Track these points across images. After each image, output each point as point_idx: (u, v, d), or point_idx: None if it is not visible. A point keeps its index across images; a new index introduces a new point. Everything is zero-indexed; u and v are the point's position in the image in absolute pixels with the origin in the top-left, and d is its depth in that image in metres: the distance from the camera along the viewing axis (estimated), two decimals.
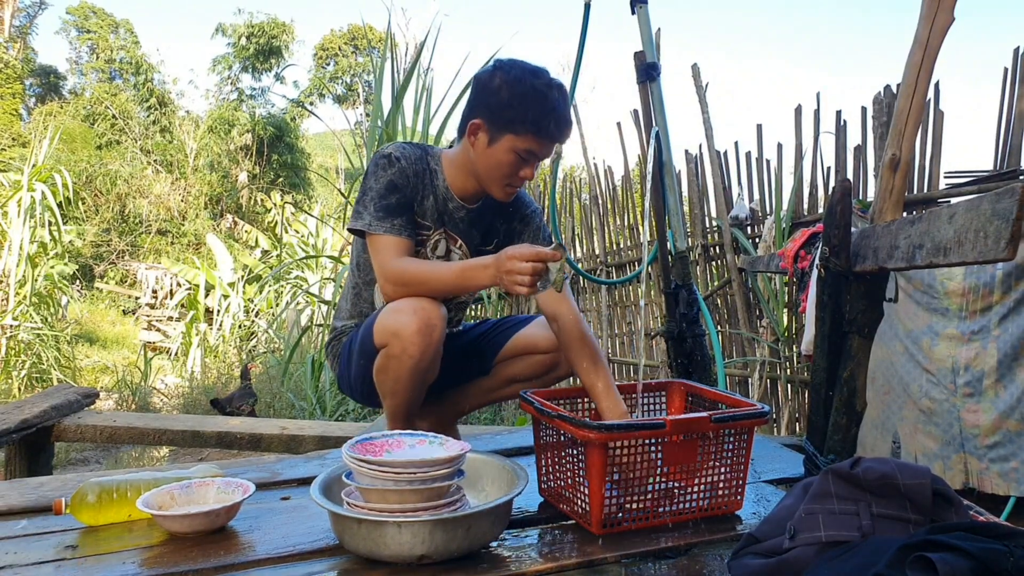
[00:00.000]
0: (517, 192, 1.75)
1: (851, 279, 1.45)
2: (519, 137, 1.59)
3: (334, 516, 1.17)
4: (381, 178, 1.66)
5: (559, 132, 1.62)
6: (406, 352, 1.56)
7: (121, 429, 2.94)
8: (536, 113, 1.57)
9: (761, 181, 3.92)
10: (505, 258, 1.44)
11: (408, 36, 8.51)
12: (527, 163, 1.64)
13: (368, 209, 1.65)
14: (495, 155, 1.63)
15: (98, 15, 20.22)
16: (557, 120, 1.60)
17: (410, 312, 1.55)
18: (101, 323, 12.58)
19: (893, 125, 1.46)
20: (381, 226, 1.63)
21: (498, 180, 1.67)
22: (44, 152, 8.06)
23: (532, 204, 1.91)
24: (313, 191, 18.76)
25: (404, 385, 1.63)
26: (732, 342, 4.16)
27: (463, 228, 1.80)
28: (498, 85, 1.59)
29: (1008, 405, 2.33)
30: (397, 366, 1.60)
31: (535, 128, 1.58)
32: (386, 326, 1.59)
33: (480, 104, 1.63)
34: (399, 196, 1.66)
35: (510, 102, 1.57)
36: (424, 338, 1.55)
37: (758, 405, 1.39)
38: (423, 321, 1.54)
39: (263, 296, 9.49)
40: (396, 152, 1.68)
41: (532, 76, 1.59)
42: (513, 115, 1.58)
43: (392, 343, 1.58)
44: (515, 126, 1.58)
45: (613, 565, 1.18)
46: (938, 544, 0.84)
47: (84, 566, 1.16)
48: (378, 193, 1.65)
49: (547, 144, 1.63)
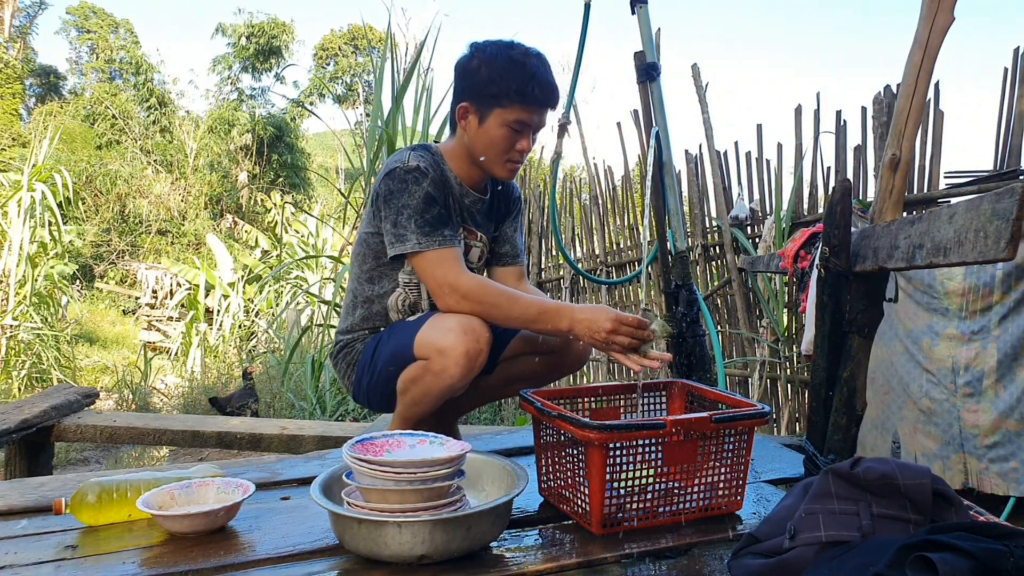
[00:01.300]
0: (519, 169, 1.74)
1: (851, 279, 1.45)
2: (506, 109, 1.60)
3: (334, 516, 1.17)
4: (416, 193, 1.62)
5: (544, 96, 1.63)
6: (447, 372, 1.54)
7: (121, 429, 2.94)
8: (518, 82, 1.58)
9: (761, 181, 3.92)
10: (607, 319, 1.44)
11: (408, 36, 8.51)
12: (521, 134, 1.64)
13: (410, 228, 1.60)
14: (488, 133, 1.63)
15: (98, 15, 20.23)
16: (539, 84, 1.60)
17: (460, 332, 1.52)
18: (101, 323, 12.58)
19: (893, 125, 1.46)
20: (432, 241, 1.60)
21: (497, 158, 1.67)
22: (44, 152, 8.06)
23: (518, 189, 1.95)
24: (313, 191, 18.76)
25: (432, 399, 1.62)
26: (732, 342, 4.16)
27: (480, 220, 1.81)
28: (476, 65, 1.62)
29: (1008, 405, 2.33)
30: (433, 382, 1.57)
31: (520, 96, 1.59)
32: (432, 341, 1.55)
33: (463, 88, 1.65)
34: (439, 208, 1.64)
35: (491, 77, 1.59)
36: (469, 362, 1.53)
37: (758, 405, 1.39)
38: (472, 345, 1.52)
39: (263, 296, 9.48)
40: (422, 164, 1.65)
41: (507, 48, 1.62)
42: (496, 89, 1.59)
43: (434, 359, 1.55)
44: (500, 99, 1.60)
45: (613, 565, 1.18)
46: (938, 544, 0.84)
47: (84, 566, 1.16)
48: (416, 210, 1.61)
49: (535, 110, 1.63)
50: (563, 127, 2.57)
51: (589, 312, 1.49)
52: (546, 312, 1.53)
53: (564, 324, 1.51)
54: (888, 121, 3.08)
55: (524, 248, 1.99)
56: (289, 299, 8.29)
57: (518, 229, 1.95)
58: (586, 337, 1.48)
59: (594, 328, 1.46)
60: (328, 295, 5.70)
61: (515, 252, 1.94)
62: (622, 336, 1.44)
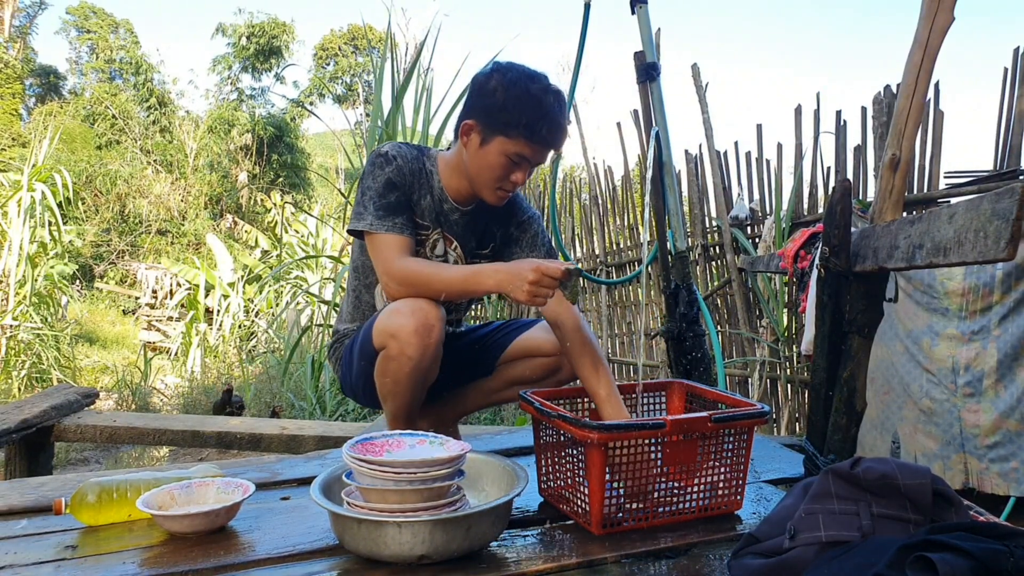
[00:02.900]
0: (510, 197, 1.72)
1: (851, 279, 1.45)
2: (511, 140, 1.58)
3: (334, 516, 1.17)
4: (379, 177, 1.65)
5: (551, 138, 1.60)
6: (404, 353, 1.55)
7: (121, 429, 2.94)
8: (530, 117, 1.55)
9: (761, 181, 3.92)
10: (530, 269, 1.43)
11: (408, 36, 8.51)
12: (518, 167, 1.62)
13: (368, 209, 1.64)
14: (486, 157, 1.62)
15: (98, 15, 20.23)
16: (550, 126, 1.58)
17: (408, 313, 1.54)
18: (101, 323, 12.57)
19: (893, 125, 1.46)
20: (383, 225, 1.62)
21: (488, 183, 1.65)
22: (44, 152, 8.06)
23: (530, 210, 1.89)
24: (313, 191, 18.76)
25: (404, 387, 1.63)
26: (732, 342, 4.16)
27: (458, 231, 1.79)
28: (494, 87, 1.58)
29: (1008, 405, 2.33)
30: (396, 368, 1.59)
31: (528, 132, 1.56)
32: (384, 328, 1.58)
33: (475, 105, 1.63)
34: (398, 194, 1.66)
35: (504, 104, 1.56)
36: (422, 339, 1.54)
37: (758, 405, 1.39)
38: (420, 322, 1.53)
39: (263, 296, 9.49)
40: (392, 151, 1.68)
41: (529, 80, 1.58)
42: (507, 118, 1.56)
43: (390, 345, 1.57)
44: (508, 129, 1.57)
45: (613, 565, 1.18)
46: (938, 544, 0.84)
47: (84, 566, 1.16)
48: (377, 192, 1.64)
49: (539, 149, 1.61)
50: None
51: (512, 266, 1.49)
52: (475, 274, 1.54)
53: (490, 281, 1.50)
54: (888, 121, 3.08)
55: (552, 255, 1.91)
56: (289, 299, 8.29)
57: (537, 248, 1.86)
58: (510, 289, 1.46)
59: (518, 278, 1.45)
60: (328, 295, 5.70)
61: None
62: (544, 287, 1.43)
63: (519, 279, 1.45)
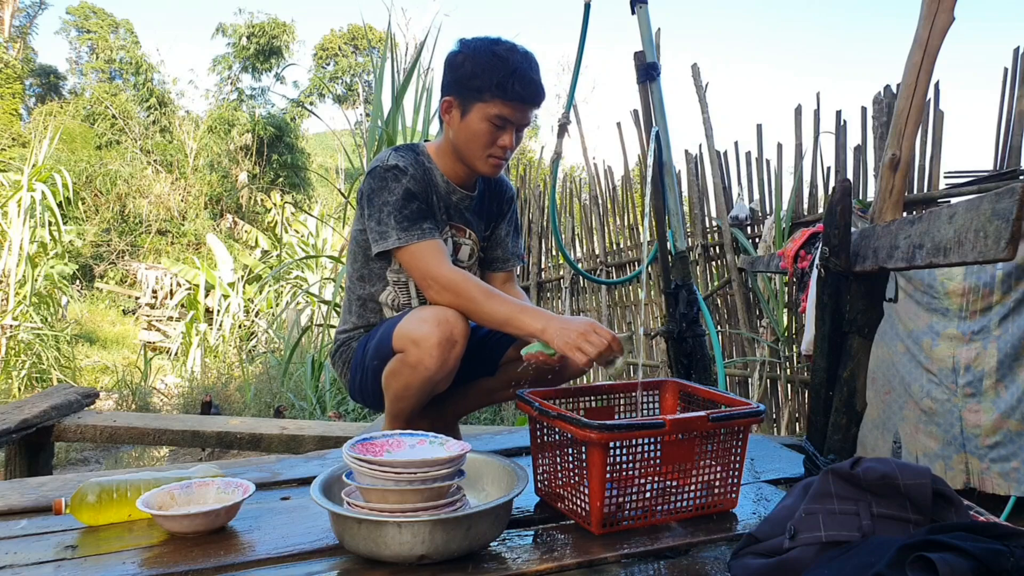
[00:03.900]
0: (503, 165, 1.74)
1: (851, 279, 1.45)
2: (487, 104, 1.61)
3: (334, 516, 1.17)
4: (396, 190, 1.65)
5: (526, 92, 1.62)
6: (422, 363, 1.54)
7: (121, 429, 2.94)
8: (499, 76, 1.59)
9: (761, 181, 3.92)
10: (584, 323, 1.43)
11: (408, 36, 8.52)
12: (503, 131, 1.65)
13: (390, 225, 1.63)
14: (469, 127, 1.64)
15: (98, 15, 20.24)
16: (520, 80, 1.60)
17: (434, 323, 1.52)
18: (101, 323, 12.57)
19: (893, 125, 1.46)
20: (411, 236, 1.62)
21: (477, 153, 1.67)
22: (44, 152, 8.07)
23: (512, 189, 1.96)
24: (313, 191, 18.76)
25: (413, 393, 1.62)
26: (732, 342, 4.16)
27: (468, 217, 1.81)
28: (461, 59, 1.63)
29: (1009, 405, 2.33)
30: (410, 374, 1.58)
31: (500, 91, 1.59)
32: (407, 332, 1.56)
33: (448, 82, 1.66)
34: (418, 203, 1.66)
35: (473, 71, 1.60)
36: (443, 352, 1.53)
37: (752, 404, 1.39)
38: (445, 335, 1.52)
39: (263, 296, 9.49)
40: (400, 162, 1.68)
41: (492, 44, 1.63)
42: (478, 83, 1.60)
43: (410, 351, 1.55)
44: (482, 93, 1.60)
45: (613, 565, 1.18)
46: (938, 544, 0.84)
47: (84, 566, 1.16)
48: (396, 206, 1.63)
49: (516, 106, 1.62)
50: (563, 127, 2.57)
51: (565, 319, 1.47)
52: (524, 312, 1.53)
53: (539, 324, 1.49)
54: (888, 121, 3.08)
55: (521, 249, 1.98)
56: (289, 299, 8.30)
57: (512, 232, 1.94)
58: (557, 337, 1.45)
59: (568, 328, 1.44)
60: (328, 295, 5.70)
61: (506, 256, 1.94)
62: (591, 345, 1.41)
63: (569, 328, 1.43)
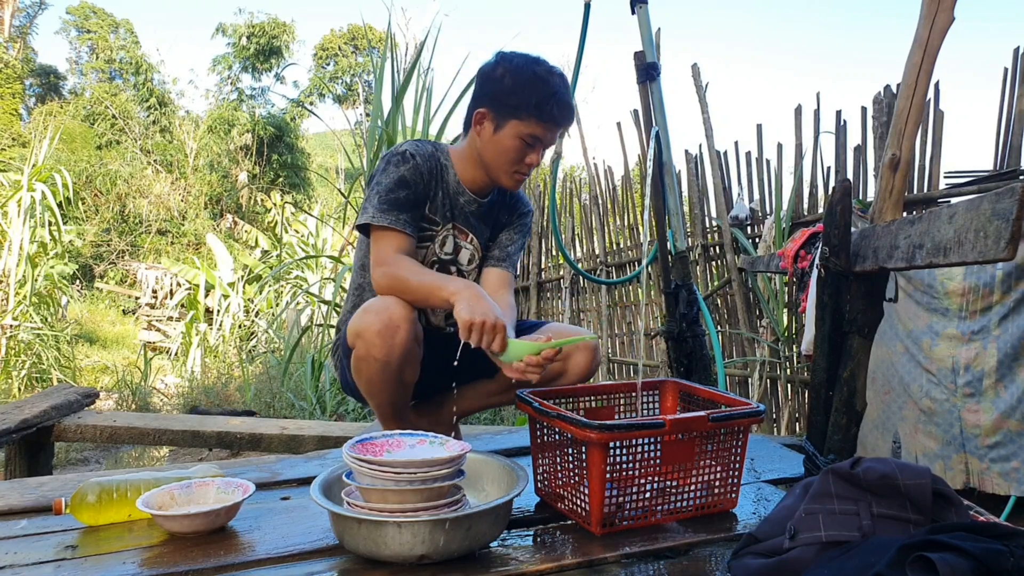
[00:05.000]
0: (524, 180, 1.76)
1: (851, 279, 1.45)
2: (523, 122, 1.63)
3: (334, 516, 1.17)
4: (392, 174, 1.67)
5: (561, 115, 1.66)
6: (370, 354, 1.56)
7: (121, 429, 2.94)
8: (539, 97, 1.61)
9: (761, 181, 3.92)
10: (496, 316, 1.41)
11: (408, 36, 8.51)
12: (532, 149, 1.67)
13: (372, 203, 1.65)
14: (501, 142, 1.66)
15: (98, 15, 20.23)
16: (559, 104, 1.64)
17: (373, 313, 1.54)
18: (101, 323, 12.57)
19: (893, 125, 1.46)
20: (384, 218, 1.63)
21: (505, 167, 1.69)
22: (44, 152, 8.06)
23: (530, 205, 1.96)
24: (313, 191, 18.76)
25: (378, 387, 1.63)
26: (732, 342, 4.16)
27: (473, 222, 1.82)
28: (501, 74, 1.64)
29: (1009, 405, 2.33)
30: (366, 368, 1.60)
31: (538, 112, 1.62)
32: (353, 327, 1.58)
33: (485, 94, 1.67)
34: (408, 192, 1.67)
35: (513, 89, 1.62)
36: (386, 340, 1.53)
37: (752, 404, 1.39)
38: (385, 323, 1.53)
39: (263, 296, 9.49)
40: (411, 149, 1.70)
41: (534, 64, 1.65)
42: (517, 101, 1.62)
43: (358, 345, 1.57)
44: (519, 112, 1.62)
45: (613, 565, 1.18)
46: (938, 544, 0.84)
47: (84, 566, 1.16)
48: (386, 188, 1.66)
49: (550, 128, 1.66)
50: None
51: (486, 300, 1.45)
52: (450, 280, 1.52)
53: (453, 287, 1.49)
54: (888, 121, 3.08)
55: (516, 263, 1.95)
56: (289, 299, 8.29)
57: (515, 241, 1.91)
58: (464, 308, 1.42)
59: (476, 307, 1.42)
60: (328, 295, 5.70)
61: (503, 256, 1.92)
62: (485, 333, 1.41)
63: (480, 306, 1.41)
